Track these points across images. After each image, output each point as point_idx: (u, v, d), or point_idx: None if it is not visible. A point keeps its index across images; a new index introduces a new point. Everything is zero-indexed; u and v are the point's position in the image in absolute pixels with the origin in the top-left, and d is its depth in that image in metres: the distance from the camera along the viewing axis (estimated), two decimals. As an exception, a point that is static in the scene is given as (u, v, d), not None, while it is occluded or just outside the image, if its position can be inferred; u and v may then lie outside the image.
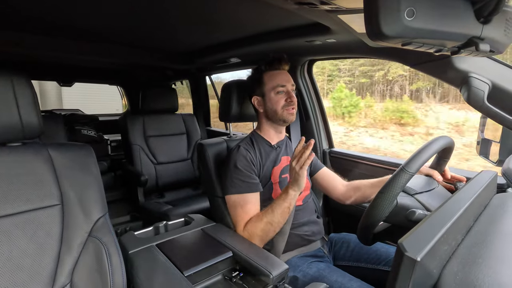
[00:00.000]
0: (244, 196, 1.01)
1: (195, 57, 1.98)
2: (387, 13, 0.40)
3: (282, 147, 1.16)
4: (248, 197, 1.01)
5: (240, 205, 1.01)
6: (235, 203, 1.02)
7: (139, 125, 2.05)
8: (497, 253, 0.44)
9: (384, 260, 1.03)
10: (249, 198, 1.01)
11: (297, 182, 0.91)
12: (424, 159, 0.71)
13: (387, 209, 0.71)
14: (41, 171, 0.74)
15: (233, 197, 1.02)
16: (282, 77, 1.08)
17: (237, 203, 1.01)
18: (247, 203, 1.01)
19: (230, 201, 1.04)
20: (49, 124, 2.12)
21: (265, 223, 0.95)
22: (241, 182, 1.01)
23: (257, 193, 1.03)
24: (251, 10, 1.07)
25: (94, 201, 0.79)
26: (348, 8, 0.76)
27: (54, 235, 0.72)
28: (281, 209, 0.94)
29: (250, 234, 0.98)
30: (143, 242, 0.95)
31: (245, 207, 1.00)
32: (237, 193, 1.01)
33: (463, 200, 0.54)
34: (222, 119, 1.32)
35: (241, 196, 1.01)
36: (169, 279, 0.76)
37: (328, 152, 1.68)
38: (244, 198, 1.01)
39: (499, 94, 0.87)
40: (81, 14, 1.18)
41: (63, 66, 2.44)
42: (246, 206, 1.00)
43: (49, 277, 0.70)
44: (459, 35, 0.47)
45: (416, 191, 0.79)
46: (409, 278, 0.37)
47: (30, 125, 0.73)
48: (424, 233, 0.42)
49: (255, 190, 1.03)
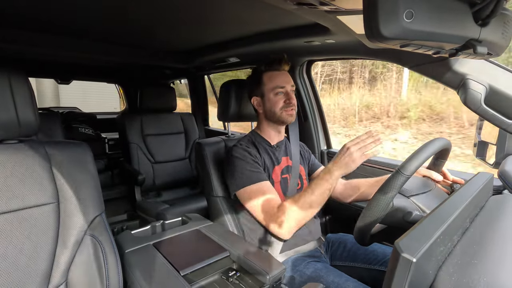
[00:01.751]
0: (259, 184, 0.97)
1: (193, 56, 1.97)
2: (386, 15, 0.40)
3: (282, 148, 1.16)
4: (263, 185, 0.97)
5: (260, 191, 0.95)
6: (252, 194, 0.96)
7: (137, 124, 2.05)
8: (493, 254, 0.44)
9: (380, 260, 1.03)
10: (264, 185, 0.97)
11: (348, 165, 0.86)
12: (420, 162, 0.71)
13: (383, 211, 0.71)
14: (38, 169, 0.73)
15: (248, 188, 0.97)
16: (282, 78, 1.07)
17: (253, 192, 0.96)
18: (265, 189, 0.96)
19: (245, 195, 0.98)
20: (46, 122, 2.11)
21: (303, 203, 0.88)
22: (250, 172, 0.98)
23: (268, 181, 0.99)
24: (250, 10, 1.07)
25: (91, 200, 0.78)
26: (347, 9, 0.76)
27: (50, 234, 0.72)
28: (322, 190, 0.87)
29: (286, 217, 0.90)
30: (140, 241, 0.94)
31: (266, 192, 0.95)
32: (250, 184, 0.97)
33: (459, 201, 0.54)
34: (221, 118, 1.32)
35: (256, 186, 0.96)
36: (166, 279, 0.75)
37: (326, 153, 1.69)
38: (260, 186, 0.97)
39: (496, 96, 0.87)
40: (79, 12, 1.18)
41: (61, 64, 2.42)
42: (267, 191, 0.96)
43: (45, 275, 0.70)
44: (457, 38, 0.48)
45: (412, 193, 0.79)
46: (405, 278, 0.37)
47: (27, 122, 0.72)
48: (421, 234, 0.42)
49: (266, 179, 0.99)
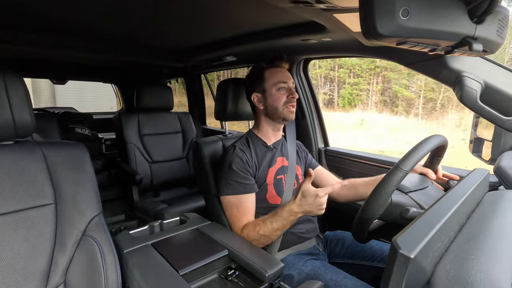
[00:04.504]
0: (240, 197, 1.01)
1: (190, 55, 1.96)
2: (382, 12, 0.40)
3: (278, 148, 1.15)
4: (243, 198, 1.01)
5: (236, 206, 1.01)
6: (231, 204, 1.02)
7: (134, 124, 2.04)
8: (489, 249, 0.45)
9: (378, 257, 1.04)
10: (244, 199, 1.01)
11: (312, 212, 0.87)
12: (418, 158, 0.72)
13: (381, 207, 0.71)
14: (34, 170, 0.73)
15: (228, 198, 1.02)
16: (284, 74, 1.08)
17: (232, 203, 1.02)
18: (242, 204, 1.01)
19: (225, 202, 1.04)
20: (42, 122, 2.09)
21: (261, 233, 0.93)
22: (236, 183, 1.01)
23: (252, 194, 1.03)
24: (247, 8, 1.06)
25: (88, 200, 0.78)
26: (344, 7, 0.76)
27: (47, 235, 0.71)
28: (281, 226, 0.91)
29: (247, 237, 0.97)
30: (138, 241, 0.94)
31: (240, 208, 1.00)
32: (232, 194, 1.01)
33: (456, 198, 0.55)
34: (218, 117, 1.32)
35: (237, 197, 1.01)
36: (165, 278, 0.75)
37: (324, 151, 1.69)
38: (239, 199, 1.01)
39: (491, 93, 0.88)
40: (74, 11, 1.16)
41: (56, 64, 2.40)
42: (242, 207, 1.01)
43: (43, 277, 0.69)
44: (452, 35, 0.48)
45: (410, 189, 0.80)
46: (403, 275, 0.37)
47: (23, 123, 0.72)
48: (418, 230, 0.43)
49: (251, 191, 1.03)
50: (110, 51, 1.80)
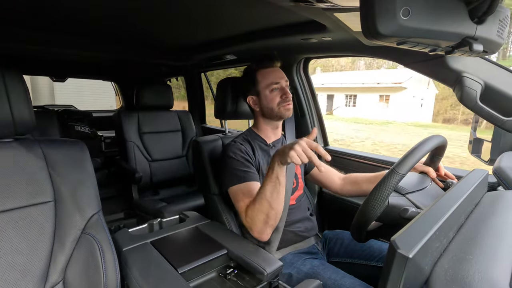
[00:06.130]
0: (246, 185, 0.98)
1: (190, 54, 1.96)
2: (383, 12, 0.40)
3: (277, 146, 1.15)
4: (249, 186, 0.98)
5: (243, 193, 0.97)
6: (237, 193, 0.99)
7: (134, 122, 2.04)
8: (487, 250, 0.45)
9: (377, 256, 1.04)
10: (251, 186, 0.98)
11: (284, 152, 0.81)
12: (415, 160, 0.72)
13: (378, 209, 0.72)
14: (34, 167, 0.73)
15: (235, 188, 0.99)
16: (276, 74, 1.07)
17: (239, 192, 0.98)
18: (250, 192, 0.97)
19: (232, 193, 1.01)
20: (42, 120, 2.09)
21: (259, 202, 0.89)
22: (240, 172, 0.99)
23: (257, 182, 1.00)
24: (248, 7, 1.06)
25: (88, 198, 0.78)
26: (344, 7, 0.76)
27: (46, 232, 0.71)
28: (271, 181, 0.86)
29: (251, 219, 0.92)
30: (137, 239, 0.94)
31: (248, 195, 0.97)
32: (238, 183, 0.99)
33: (454, 198, 0.55)
34: (218, 116, 1.32)
35: (243, 186, 0.98)
36: (164, 276, 0.76)
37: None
38: (246, 187, 0.98)
39: (491, 94, 0.88)
40: (75, 9, 1.16)
41: (56, 61, 2.40)
42: (250, 194, 0.97)
43: (42, 274, 0.69)
44: (453, 35, 0.48)
45: (407, 191, 0.80)
46: (401, 274, 0.37)
47: (22, 120, 0.71)
48: (416, 230, 0.43)
49: (255, 180, 1.00)
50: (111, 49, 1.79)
